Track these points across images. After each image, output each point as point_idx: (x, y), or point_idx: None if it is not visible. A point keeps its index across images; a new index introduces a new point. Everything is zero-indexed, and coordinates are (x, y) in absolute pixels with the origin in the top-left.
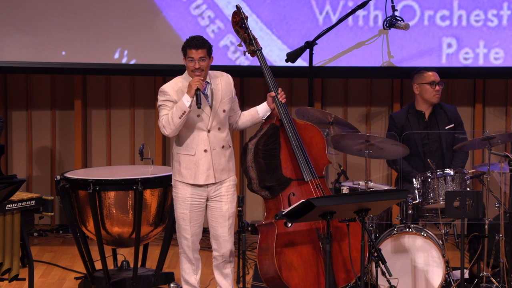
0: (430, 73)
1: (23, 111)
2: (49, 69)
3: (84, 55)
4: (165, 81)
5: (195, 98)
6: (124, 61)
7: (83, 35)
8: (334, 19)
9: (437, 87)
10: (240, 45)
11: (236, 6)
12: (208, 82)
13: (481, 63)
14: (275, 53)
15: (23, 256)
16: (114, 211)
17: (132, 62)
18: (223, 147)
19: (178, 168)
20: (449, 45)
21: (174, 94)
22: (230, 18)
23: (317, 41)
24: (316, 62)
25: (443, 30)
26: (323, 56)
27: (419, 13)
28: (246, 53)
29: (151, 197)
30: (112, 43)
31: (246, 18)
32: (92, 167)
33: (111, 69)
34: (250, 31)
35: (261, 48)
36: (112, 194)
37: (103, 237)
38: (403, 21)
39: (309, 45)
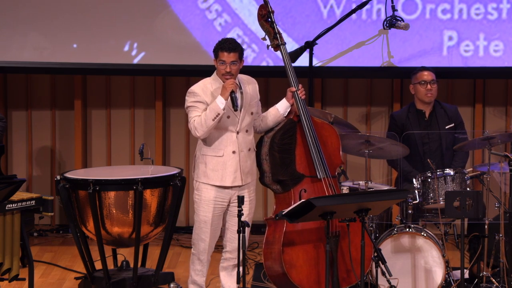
0: (423, 72)
1: (23, 111)
2: (49, 69)
3: (94, 48)
4: (165, 81)
5: (230, 100)
6: (133, 53)
7: (92, 28)
8: (338, 13)
9: (429, 86)
10: (264, 38)
11: (264, 0)
12: (237, 84)
13: (481, 55)
14: None
15: (23, 256)
16: (114, 211)
17: (142, 54)
18: (249, 149)
19: (203, 169)
20: (450, 38)
21: (204, 95)
22: (237, 11)
23: (317, 41)
24: (316, 62)
25: (444, 23)
26: (323, 56)
27: (421, 6)
28: (270, 47)
29: (151, 197)
30: (122, 37)
31: (273, 12)
32: (92, 167)
33: (111, 69)
34: (276, 25)
35: (285, 43)
36: (112, 194)
37: (103, 237)
38: (403, 21)
39: (309, 45)
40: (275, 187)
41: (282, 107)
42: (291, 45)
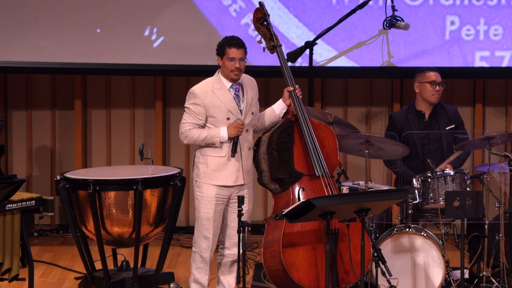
0: (432, 72)
1: (23, 111)
2: (49, 69)
3: (117, 32)
4: (165, 81)
5: (232, 144)
6: (153, 38)
7: (113, 14)
8: (346, 0)
9: (437, 87)
10: (260, 41)
11: (259, 3)
12: (240, 84)
13: (481, 39)
14: (292, 31)
15: (23, 256)
16: (114, 211)
17: (161, 39)
18: (249, 148)
19: (205, 170)
20: (452, 23)
21: (204, 97)
22: None
23: (316, 41)
24: (316, 62)
25: (446, 8)
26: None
27: None
28: (266, 49)
29: (151, 197)
30: (141, 22)
31: (268, 15)
32: (92, 167)
33: (111, 69)
34: (272, 27)
35: (281, 44)
36: (112, 194)
37: (103, 237)
38: (403, 21)
39: (309, 45)
40: (274, 187)
41: (278, 107)
42: (301, 30)
